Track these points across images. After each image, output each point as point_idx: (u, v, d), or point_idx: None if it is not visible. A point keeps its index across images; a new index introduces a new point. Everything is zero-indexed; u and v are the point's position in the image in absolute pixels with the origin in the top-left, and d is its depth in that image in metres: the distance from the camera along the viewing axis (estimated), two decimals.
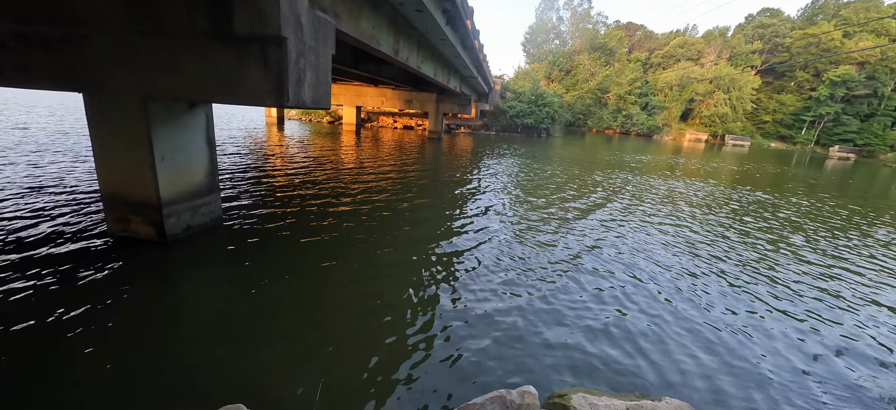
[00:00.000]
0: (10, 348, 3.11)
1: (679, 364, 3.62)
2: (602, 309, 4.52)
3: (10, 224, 5.45)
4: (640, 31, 74.42)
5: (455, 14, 9.55)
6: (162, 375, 2.97)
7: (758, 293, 5.35)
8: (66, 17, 4.41)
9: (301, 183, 9.33)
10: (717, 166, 22.25)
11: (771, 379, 3.55)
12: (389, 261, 5.36)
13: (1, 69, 4.84)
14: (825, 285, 5.84)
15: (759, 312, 4.81)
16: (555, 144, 28.05)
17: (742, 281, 5.72)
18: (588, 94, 56.44)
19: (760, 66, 58.40)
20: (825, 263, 6.81)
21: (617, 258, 6.18)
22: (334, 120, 30.49)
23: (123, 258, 4.72)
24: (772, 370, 3.69)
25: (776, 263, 6.59)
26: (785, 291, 5.49)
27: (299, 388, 2.91)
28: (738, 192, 13.60)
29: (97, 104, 4.85)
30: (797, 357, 3.96)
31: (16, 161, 8.97)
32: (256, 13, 3.83)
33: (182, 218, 5.37)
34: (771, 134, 57.45)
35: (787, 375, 3.65)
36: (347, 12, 6.17)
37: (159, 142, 4.86)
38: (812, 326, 4.59)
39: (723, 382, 3.45)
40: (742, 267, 6.25)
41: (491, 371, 3.29)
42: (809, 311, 4.95)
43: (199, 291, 4.26)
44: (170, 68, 4.30)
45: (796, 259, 6.91)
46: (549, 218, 8.17)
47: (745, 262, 6.50)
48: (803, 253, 7.22)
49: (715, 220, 9.20)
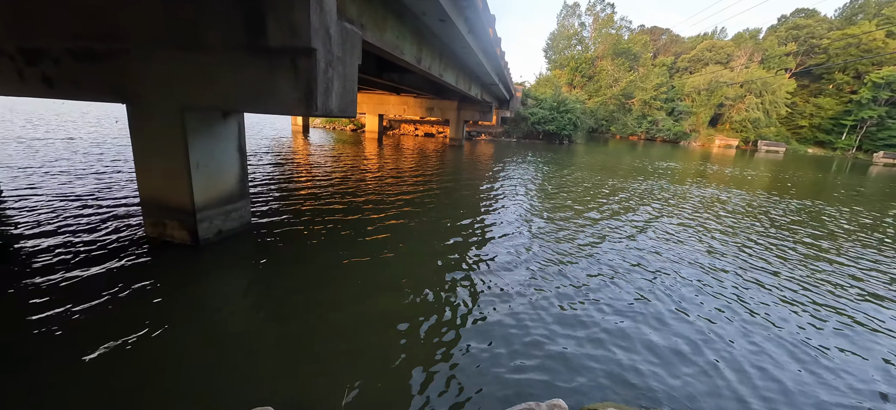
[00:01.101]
0: (51, 340, 3.28)
1: (719, 384, 3.46)
2: (638, 322, 4.38)
3: (59, 225, 5.79)
4: (666, 36, 72.77)
5: (477, 23, 9.60)
6: (193, 374, 3.07)
7: (817, 312, 5.08)
8: (112, 34, 4.69)
9: (326, 189, 9.53)
10: (755, 174, 21.36)
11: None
12: (415, 268, 5.38)
13: (53, 82, 5.19)
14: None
15: (810, 332, 4.56)
16: (577, 151, 27.64)
17: (798, 297, 5.43)
18: (611, 100, 55.45)
19: (795, 69, 55.99)
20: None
21: (655, 268, 5.99)
22: (357, 128, 31.06)
23: (159, 260, 4.93)
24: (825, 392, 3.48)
25: (827, 275, 6.24)
26: (841, 308, 5.19)
27: (325, 392, 2.95)
28: (779, 200, 13.00)
29: (138, 114, 5.11)
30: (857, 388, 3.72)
31: (65, 169, 9.55)
32: (288, 26, 3.96)
33: (214, 223, 5.57)
34: (808, 139, 54.81)
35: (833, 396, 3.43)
36: (373, 23, 6.30)
37: (194, 150, 5.07)
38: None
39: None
40: (797, 283, 5.91)
41: (519, 382, 3.24)
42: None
43: (230, 294, 4.39)
44: (206, 80, 4.50)
45: (848, 275, 6.52)
46: (577, 225, 8.03)
47: (797, 277, 6.16)
48: (863, 267, 6.81)
49: (759, 230, 8.81)
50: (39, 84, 5.25)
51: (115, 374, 3.01)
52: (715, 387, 3.37)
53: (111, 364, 3.11)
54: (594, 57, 60.06)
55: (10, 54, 5.24)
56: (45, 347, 3.24)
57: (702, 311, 4.74)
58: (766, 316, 4.74)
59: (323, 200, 8.46)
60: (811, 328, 4.57)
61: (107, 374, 3.00)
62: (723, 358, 3.80)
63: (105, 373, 3.01)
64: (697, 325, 4.38)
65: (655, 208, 10.35)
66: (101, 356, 3.18)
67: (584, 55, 60.77)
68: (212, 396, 2.87)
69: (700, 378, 3.47)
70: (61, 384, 2.87)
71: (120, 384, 2.92)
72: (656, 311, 4.63)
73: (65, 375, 2.96)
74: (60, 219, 6.11)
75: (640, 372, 3.47)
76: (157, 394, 2.86)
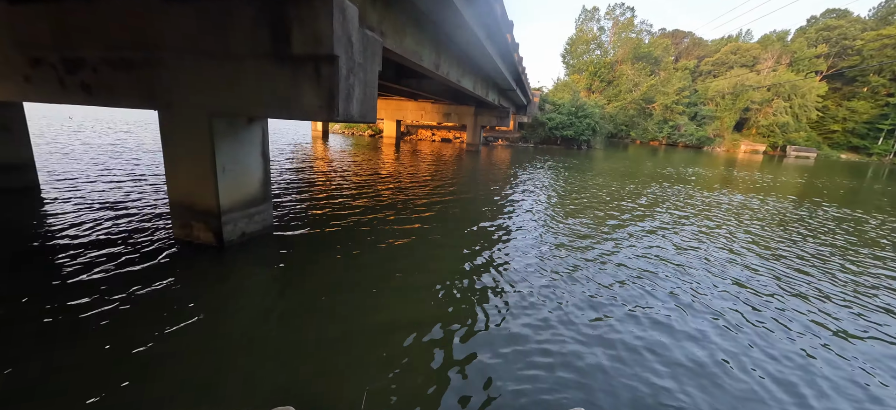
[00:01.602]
0: (82, 333, 3.43)
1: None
2: (672, 336, 4.27)
3: (93, 224, 6.06)
4: (688, 39, 71.29)
5: (495, 29, 9.64)
6: (215, 370, 3.16)
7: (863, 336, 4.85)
8: (146, 43, 4.91)
9: (345, 194, 9.68)
10: (786, 180, 20.60)
11: None
12: (437, 273, 5.39)
13: (91, 90, 5.47)
14: None
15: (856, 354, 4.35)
16: (596, 157, 27.24)
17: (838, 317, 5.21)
18: (631, 105, 54.53)
19: (826, 71, 53.85)
20: None
21: (685, 280, 5.84)
22: (375, 133, 31.47)
23: (185, 261, 5.10)
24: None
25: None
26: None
27: (345, 394, 2.98)
28: (819, 209, 12.49)
29: (169, 120, 5.33)
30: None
31: (101, 172, 10.02)
32: (312, 34, 4.07)
33: (238, 226, 5.73)
34: (841, 144, 52.56)
35: None
36: (393, 30, 6.40)
37: (221, 155, 5.24)
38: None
39: None
40: (845, 302, 5.66)
41: (541, 393, 3.20)
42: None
43: (252, 294, 4.50)
44: (233, 87, 4.66)
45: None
46: (601, 233, 7.90)
47: (846, 296, 5.89)
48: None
49: (796, 239, 8.49)
50: (79, 91, 5.54)
51: (140, 367, 3.11)
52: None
53: (135, 357, 3.22)
54: (613, 61, 59.28)
55: (52, 64, 5.55)
56: (74, 334, 3.39)
57: (743, 329, 4.58)
58: (814, 337, 4.54)
59: (342, 204, 8.59)
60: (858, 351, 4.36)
61: (132, 367, 3.11)
62: (770, 377, 3.66)
63: (130, 366, 3.12)
64: (739, 341, 4.23)
65: (682, 215, 10.09)
66: (125, 347, 3.30)
67: (603, 59, 60.05)
68: (234, 392, 2.94)
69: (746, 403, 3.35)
70: (84, 373, 3.00)
71: (141, 376, 3.02)
72: (693, 325, 4.50)
73: (88, 364, 3.09)
74: (95, 219, 6.40)
75: (670, 392, 3.37)
76: (179, 388, 2.95)
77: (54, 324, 3.60)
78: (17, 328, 3.53)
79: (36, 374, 2.99)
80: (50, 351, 3.25)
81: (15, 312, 3.77)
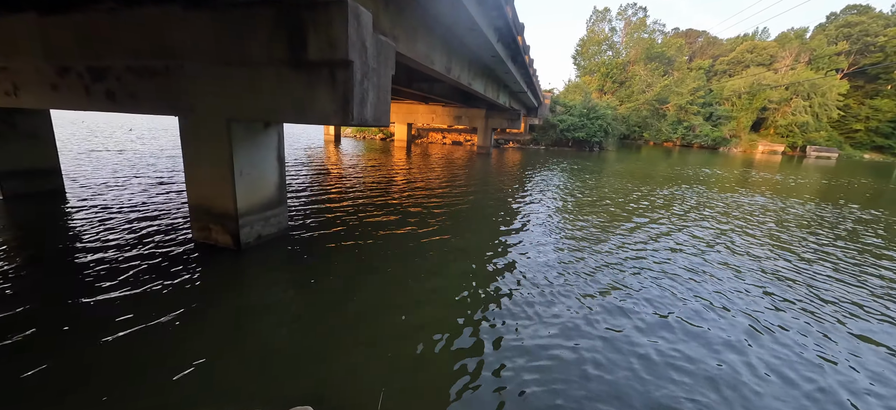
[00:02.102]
0: (106, 332, 3.55)
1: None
2: (702, 346, 4.21)
3: (118, 227, 6.26)
4: (702, 38, 70.15)
5: (506, 31, 9.64)
6: (234, 370, 3.23)
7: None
8: (167, 51, 5.07)
9: (358, 197, 9.78)
10: (807, 181, 20.08)
11: None
12: (450, 275, 5.42)
13: (115, 97, 5.66)
14: None
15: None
16: (609, 158, 26.96)
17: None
18: (644, 106, 53.81)
19: (848, 69, 52.34)
20: None
21: (710, 284, 5.75)
22: (386, 137, 31.69)
23: (204, 262, 5.23)
24: None
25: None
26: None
27: (362, 394, 3.02)
28: (840, 210, 12.15)
29: (189, 126, 5.48)
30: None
31: (126, 178, 10.33)
32: (327, 40, 4.15)
33: (254, 228, 5.84)
34: (864, 144, 50.96)
35: None
36: (405, 35, 6.47)
37: (238, 159, 5.36)
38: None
39: None
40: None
41: (555, 398, 3.19)
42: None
43: (269, 296, 4.59)
44: (251, 92, 4.77)
45: None
46: (617, 236, 7.83)
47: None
48: None
49: (825, 243, 8.28)
50: (103, 99, 5.74)
51: (158, 366, 3.20)
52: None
53: (155, 356, 3.32)
54: (626, 62, 58.61)
55: (78, 72, 5.77)
56: (98, 333, 3.51)
57: (772, 336, 4.49)
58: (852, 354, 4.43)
59: (355, 207, 8.68)
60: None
61: (152, 366, 3.20)
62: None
63: (150, 365, 3.21)
64: (775, 348, 4.15)
65: (703, 218, 9.92)
66: (146, 346, 3.40)
67: (616, 60, 59.41)
68: (252, 392, 3.00)
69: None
70: (108, 370, 3.10)
71: (164, 376, 3.11)
72: (722, 331, 4.43)
73: (111, 362, 3.19)
74: (117, 222, 6.60)
75: (699, 403, 3.33)
76: (198, 387, 3.02)
77: (78, 324, 3.73)
78: (42, 328, 3.67)
79: (60, 373, 3.11)
80: (74, 351, 3.37)
81: (40, 312, 3.91)
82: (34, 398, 2.84)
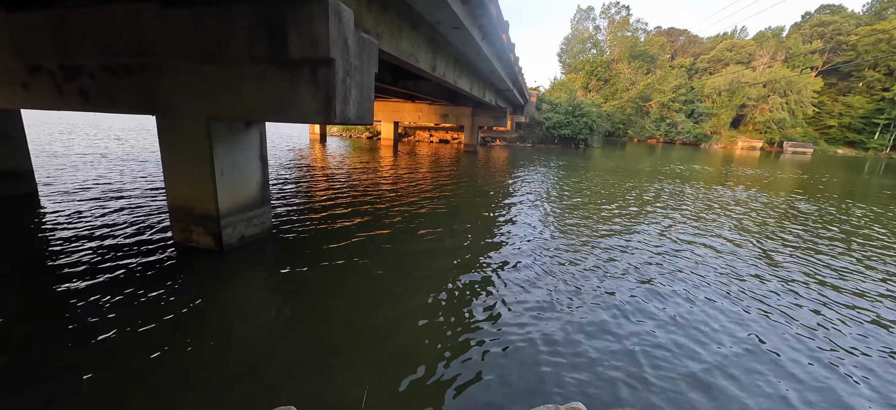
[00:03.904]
0: (87, 338, 3.46)
1: (741, 394, 3.39)
2: (667, 328, 4.32)
3: (94, 229, 6.09)
4: (684, 37, 71.63)
5: (491, 29, 9.68)
6: (217, 372, 3.19)
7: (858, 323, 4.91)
8: (144, 49, 4.95)
9: (343, 196, 9.71)
10: (786, 176, 20.69)
11: None
12: (434, 272, 5.44)
13: (89, 96, 5.50)
14: None
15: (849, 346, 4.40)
16: (594, 155, 27.33)
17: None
18: (628, 103, 54.70)
19: (822, 67, 54.11)
20: None
21: (682, 273, 5.89)
22: (372, 135, 31.49)
23: (186, 264, 5.13)
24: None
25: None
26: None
27: (346, 393, 3.02)
28: (816, 202, 12.57)
29: (167, 126, 5.35)
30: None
31: (97, 182, 10.03)
32: (308, 38, 4.12)
33: (237, 229, 5.76)
34: (837, 139, 52.73)
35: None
36: (389, 32, 6.45)
37: (219, 159, 5.27)
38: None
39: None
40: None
41: (538, 385, 3.24)
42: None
43: (253, 297, 4.53)
44: (231, 91, 4.69)
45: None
46: (598, 228, 7.95)
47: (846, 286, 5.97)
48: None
49: (795, 236, 8.55)
50: (77, 98, 5.57)
51: (141, 370, 3.14)
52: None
53: (137, 360, 3.25)
54: (610, 60, 59.46)
55: (50, 70, 5.59)
56: (79, 339, 3.42)
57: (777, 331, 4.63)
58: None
59: (340, 207, 8.62)
60: None
61: (132, 369, 3.14)
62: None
63: (130, 368, 3.15)
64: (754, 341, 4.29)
65: (687, 211, 10.15)
66: (128, 351, 3.33)
67: (600, 58, 60.22)
68: (235, 394, 2.97)
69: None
70: (91, 377, 3.03)
71: (145, 380, 3.05)
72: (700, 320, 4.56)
73: (93, 368, 3.12)
74: (94, 225, 6.41)
75: (659, 380, 3.42)
76: (181, 390, 2.98)
77: (56, 331, 3.63)
78: (19, 335, 3.56)
79: (40, 380, 3.02)
80: (54, 357, 3.28)
81: (17, 319, 3.79)
82: (12, 400, 2.76)
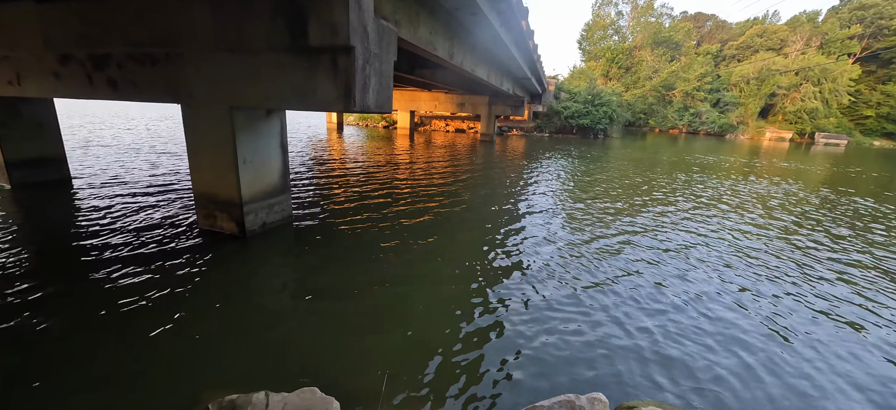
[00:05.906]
0: (115, 317, 3.60)
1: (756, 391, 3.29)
2: (693, 322, 4.23)
3: (125, 215, 6.32)
4: (711, 22, 68.82)
5: (510, 15, 9.48)
6: (241, 353, 3.28)
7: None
8: (168, 39, 5.04)
9: (361, 185, 9.79)
10: (816, 170, 19.84)
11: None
12: (453, 260, 5.44)
13: (117, 85, 5.65)
14: None
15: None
16: (614, 145, 26.71)
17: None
18: (650, 92, 53.05)
19: (860, 54, 51.17)
20: None
21: (710, 269, 5.74)
22: (389, 124, 31.57)
23: (210, 249, 5.28)
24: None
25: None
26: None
27: (367, 376, 3.06)
28: (849, 199, 12.03)
29: (191, 114, 5.47)
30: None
31: (132, 167, 10.39)
32: (328, 25, 4.11)
33: (259, 216, 5.87)
34: (874, 131, 50.02)
35: None
36: (407, 20, 6.38)
37: (241, 147, 5.36)
38: None
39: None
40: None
41: (559, 374, 3.22)
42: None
43: (275, 281, 4.63)
44: (252, 80, 4.74)
45: None
46: (620, 221, 7.80)
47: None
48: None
49: (835, 237, 8.22)
50: (105, 87, 5.73)
51: (169, 349, 3.26)
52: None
53: (166, 339, 3.37)
54: (632, 47, 57.62)
55: (80, 60, 5.76)
56: (105, 320, 3.57)
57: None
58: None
59: (359, 195, 8.70)
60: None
61: (161, 349, 3.26)
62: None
63: (159, 348, 3.27)
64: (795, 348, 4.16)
65: (712, 205, 9.85)
66: (156, 334, 3.46)
67: (621, 45, 58.40)
68: (259, 375, 3.05)
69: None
70: (117, 355, 3.16)
71: (173, 359, 3.16)
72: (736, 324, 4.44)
73: (120, 347, 3.25)
74: (123, 211, 6.65)
75: (682, 373, 3.35)
76: (206, 370, 3.08)
77: (87, 311, 3.79)
78: (52, 314, 3.73)
79: (72, 356, 3.17)
80: (85, 337, 3.43)
81: (51, 299, 3.98)
82: (43, 376, 2.90)
